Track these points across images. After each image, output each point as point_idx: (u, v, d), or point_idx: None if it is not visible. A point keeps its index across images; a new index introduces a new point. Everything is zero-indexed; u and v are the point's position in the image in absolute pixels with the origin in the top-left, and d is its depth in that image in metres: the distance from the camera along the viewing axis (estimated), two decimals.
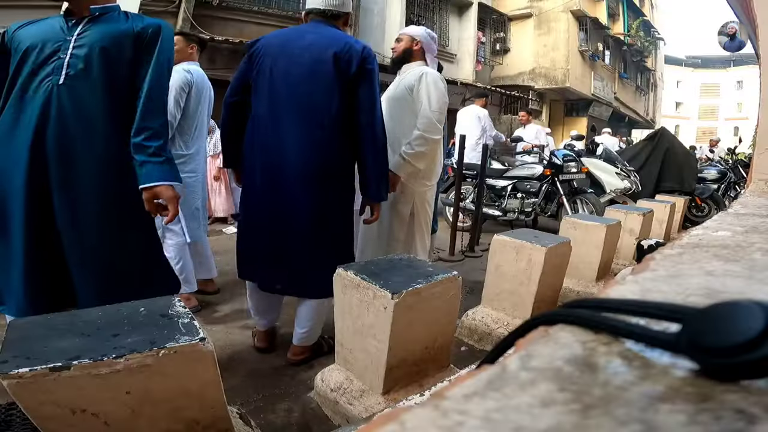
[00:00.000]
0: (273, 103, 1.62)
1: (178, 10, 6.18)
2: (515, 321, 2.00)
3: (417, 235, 2.23)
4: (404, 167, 1.97)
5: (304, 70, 1.58)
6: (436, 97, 1.98)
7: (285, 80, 1.59)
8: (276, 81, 1.61)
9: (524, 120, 6.28)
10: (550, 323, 0.33)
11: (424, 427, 0.21)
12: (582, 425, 0.20)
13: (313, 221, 1.64)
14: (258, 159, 1.67)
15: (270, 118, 1.62)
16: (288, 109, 1.60)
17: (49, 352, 0.73)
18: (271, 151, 1.63)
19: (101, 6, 1.36)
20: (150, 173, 1.31)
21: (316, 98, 1.59)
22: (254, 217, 1.72)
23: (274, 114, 1.62)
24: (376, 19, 8.66)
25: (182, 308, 0.94)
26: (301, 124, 1.59)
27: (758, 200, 1.31)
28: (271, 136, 1.62)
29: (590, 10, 12.96)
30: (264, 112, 1.64)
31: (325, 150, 1.62)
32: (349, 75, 1.58)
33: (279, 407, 1.54)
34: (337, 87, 1.58)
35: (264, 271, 1.72)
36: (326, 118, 1.59)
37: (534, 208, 4.23)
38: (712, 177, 5.60)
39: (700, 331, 0.25)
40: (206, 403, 0.86)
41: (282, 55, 1.60)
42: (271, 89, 1.62)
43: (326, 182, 1.64)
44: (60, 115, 1.27)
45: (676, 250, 0.60)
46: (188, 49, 2.34)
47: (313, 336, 1.84)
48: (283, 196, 1.63)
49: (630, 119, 17.78)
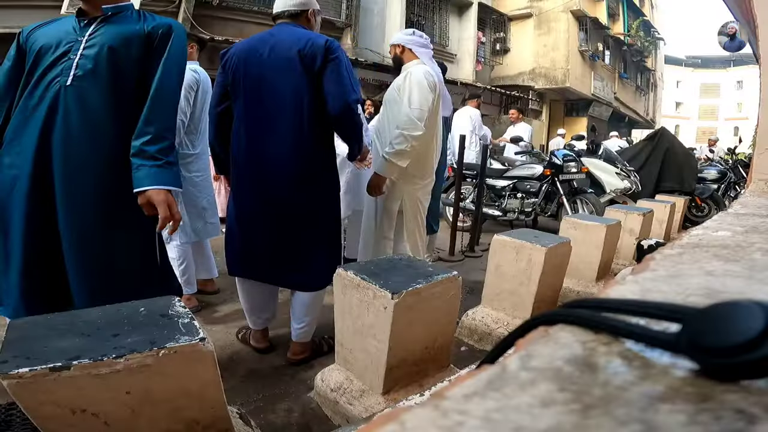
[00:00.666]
0: (251, 108, 1.66)
1: (178, 10, 6.19)
2: (515, 321, 2.00)
3: (406, 233, 2.26)
4: (387, 167, 2.01)
5: (274, 73, 1.62)
6: (417, 94, 2.01)
7: (259, 85, 1.64)
8: (251, 86, 1.65)
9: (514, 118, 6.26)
10: (550, 323, 0.33)
11: (424, 427, 0.21)
12: (582, 425, 0.20)
13: (303, 217, 1.70)
14: (245, 163, 1.71)
15: (251, 123, 1.67)
16: (267, 112, 1.64)
17: (49, 352, 0.73)
18: (256, 154, 1.67)
19: (114, 5, 1.35)
20: (142, 178, 1.29)
21: (290, 98, 1.62)
22: (246, 218, 1.75)
23: (254, 118, 1.66)
24: (376, 19, 8.66)
25: (182, 308, 0.94)
26: (280, 125, 1.63)
27: (758, 200, 1.31)
28: (254, 139, 1.67)
29: (590, 10, 12.96)
30: (244, 118, 1.68)
31: (306, 147, 1.65)
32: (314, 69, 1.60)
33: (279, 407, 1.54)
34: (306, 83, 1.60)
35: (259, 267, 1.75)
36: (303, 115, 1.63)
37: (534, 208, 4.23)
38: (712, 177, 5.60)
39: (700, 331, 0.25)
40: (206, 403, 0.86)
41: (252, 61, 1.64)
42: (247, 95, 1.66)
43: (312, 178, 1.69)
44: (65, 117, 1.26)
45: (676, 250, 0.60)
46: (188, 49, 2.34)
47: (311, 331, 1.84)
48: (274, 196, 1.68)
49: (630, 119, 17.79)
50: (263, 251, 1.73)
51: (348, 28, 7.97)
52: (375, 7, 8.62)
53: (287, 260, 1.72)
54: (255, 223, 1.73)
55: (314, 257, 1.72)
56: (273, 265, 1.73)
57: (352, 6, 7.98)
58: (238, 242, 1.78)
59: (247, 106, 1.66)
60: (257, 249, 1.74)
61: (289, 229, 1.70)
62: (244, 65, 1.65)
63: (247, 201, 1.73)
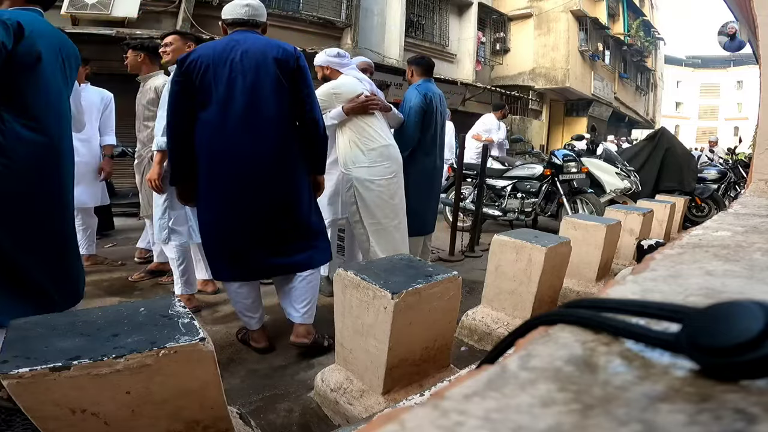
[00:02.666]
0: (227, 112, 1.68)
1: (178, 10, 6.18)
2: (515, 321, 1.99)
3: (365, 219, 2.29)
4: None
5: (250, 77, 1.69)
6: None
7: (233, 88, 1.68)
8: (225, 90, 1.67)
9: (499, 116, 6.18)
10: (550, 323, 0.33)
11: (424, 427, 0.21)
12: (582, 425, 0.20)
13: (292, 205, 1.82)
14: (224, 166, 1.71)
15: (227, 126, 1.69)
16: (245, 115, 1.69)
17: (49, 352, 0.73)
18: (239, 156, 1.71)
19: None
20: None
21: (269, 101, 1.71)
22: (237, 218, 1.75)
23: (230, 122, 1.69)
24: (377, 19, 8.66)
25: (182, 308, 0.94)
26: (261, 126, 1.71)
27: (758, 200, 1.31)
28: (234, 142, 1.70)
29: (590, 10, 12.95)
30: (219, 122, 1.69)
31: (285, 144, 1.77)
32: (288, 75, 1.74)
33: (279, 407, 1.54)
34: (282, 87, 1.74)
35: (252, 264, 1.79)
36: (280, 117, 1.75)
37: (534, 208, 4.23)
38: (712, 177, 5.60)
39: (700, 331, 0.25)
40: (206, 403, 0.86)
41: (222, 66, 1.67)
42: (221, 99, 1.68)
43: (293, 170, 1.81)
44: None
45: (676, 250, 0.60)
46: (185, 48, 2.34)
47: (314, 311, 1.91)
48: (261, 192, 1.75)
49: (630, 119, 17.78)
50: (261, 244, 1.78)
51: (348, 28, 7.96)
52: (375, 7, 8.61)
53: (292, 242, 1.82)
54: (250, 220, 1.75)
55: (314, 232, 1.89)
56: (276, 253, 1.80)
57: (352, 6, 7.97)
58: (223, 246, 1.78)
59: (225, 109, 1.68)
60: (253, 245, 1.77)
61: (287, 214, 1.80)
62: (214, 71, 1.66)
63: (237, 201, 1.73)
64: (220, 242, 1.79)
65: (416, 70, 2.73)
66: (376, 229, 2.29)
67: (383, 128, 2.35)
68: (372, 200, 2.27)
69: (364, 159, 2.25)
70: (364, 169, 2.25)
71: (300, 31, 7.38)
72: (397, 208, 2.34)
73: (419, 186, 2.67)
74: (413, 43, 9.46)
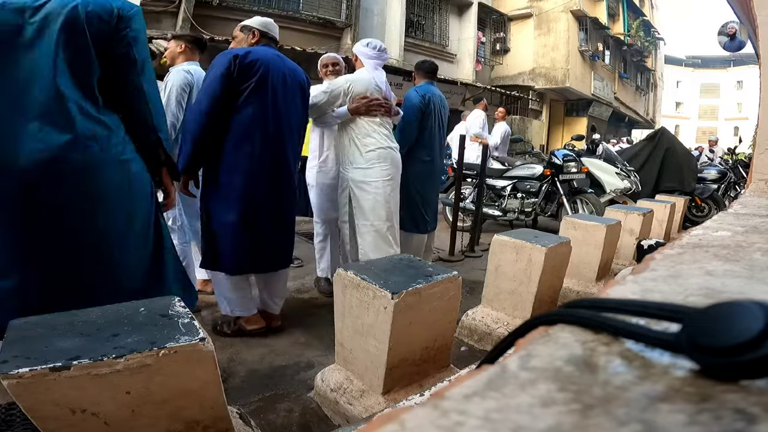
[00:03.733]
0: (275, 115, 1.89)
1: (178, 10, 6.19)
2: (515, 321, 2.00)
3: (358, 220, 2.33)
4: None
5: (292, 89, 1.97)
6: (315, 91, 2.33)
7: (283, 96, 1.91)
8: (276, 96, 1.88)
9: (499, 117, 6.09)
10: (550, 323, 0.33)
11: (424, 427, 0.21)
12: (582, 425, 0.20)
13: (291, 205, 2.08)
14: (262, 165, 1.89)
15: (272, 128, 1.89)
16: (285, 122, 1.94)
17: (49, 352, 0.73)
18: (275, 156, 1.93)
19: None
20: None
21: (299, 113, 2.04)
22: (258, 214, 1.91)
23: (275, 125, 1.90)
24: (377, 19, 8.66)
25: (182, 308, 0.94)
26: (292, 133, 2.01)
27: (758, 200, 1.31)
28: (275, 144, 1.91)
29: (590, 10, 12.96)
30: (266, 122, 1.87)
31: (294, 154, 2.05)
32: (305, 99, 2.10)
33: (279, 407, 1.54)
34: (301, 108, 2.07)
35: (262, 257, 1.98)
36: (301, 129, 2.11)
37: (534, 208, 4.23)
38: (712, 177, 5.60)
39: (700, 331, 0.25)
40: (206, 403, 0.86)
41: (277, 74, 1.89)
42: (273, 102, 1.88)
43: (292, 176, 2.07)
44: None
45: (676, 250, 0.60)
46: (177, 49, 2.32)
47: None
48: (281, 191, 1.98)
49: (630, 119, 17.79)
50: (272, 241, 1.98)
51: (348, 28, 7.97)
52: (375, 7, 8.62)
53: (287, 242, 2.08)
54: (267, 217, 1.94)
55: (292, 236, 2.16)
56: (276, 250, 2.01)
57: (352, 6, 7.98)
58: (245, 240, 1.90)
59: (275, 111, 1.88)
60: (266, 241, 1.95)
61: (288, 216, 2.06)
62: (272, 76, 1.86)
63: (260, 197, 1.90)
64: (239, 234, 1.88)
65: (419, 73, 2.84)
66: (368, 231, 2.29)
67: (385, 131, 2.35)
68: (367, 202, 2.28)
69: (361, 160, 2.26)
70: (360, 171, 2.26)
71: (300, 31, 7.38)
72: (391, 212, 2.34)
73: (421, 183, 2.72)
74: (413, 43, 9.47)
